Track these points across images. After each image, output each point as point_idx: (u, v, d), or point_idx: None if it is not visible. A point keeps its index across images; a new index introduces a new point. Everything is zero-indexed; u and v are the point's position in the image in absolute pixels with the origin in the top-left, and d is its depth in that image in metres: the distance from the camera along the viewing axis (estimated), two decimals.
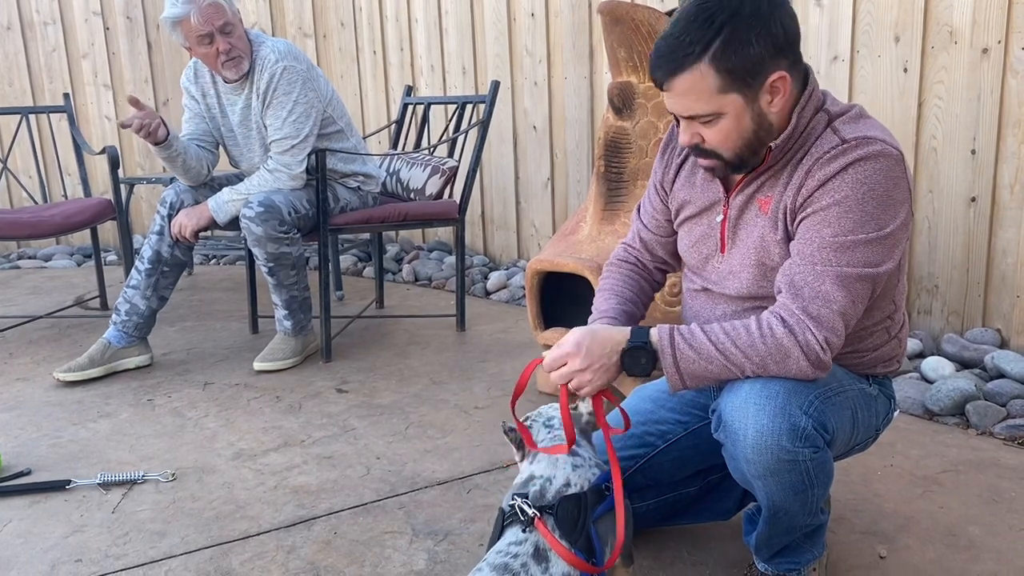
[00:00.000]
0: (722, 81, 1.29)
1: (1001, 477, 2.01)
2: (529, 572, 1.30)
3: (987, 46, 2.60)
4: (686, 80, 1.30)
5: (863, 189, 1.29)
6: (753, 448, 1.31)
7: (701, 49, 1.27)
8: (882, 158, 1.30)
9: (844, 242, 1.30)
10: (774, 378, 1.32)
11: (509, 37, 4.09)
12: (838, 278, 1.30)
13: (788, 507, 1.39)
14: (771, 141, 1.35)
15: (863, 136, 1.31)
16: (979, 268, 2.73)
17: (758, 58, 1.28)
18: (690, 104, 1.32)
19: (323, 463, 2.22)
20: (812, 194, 1.33)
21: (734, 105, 1.31)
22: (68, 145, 5.22)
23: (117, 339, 2.93)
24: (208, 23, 2.74)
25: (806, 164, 1.35)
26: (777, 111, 1.34)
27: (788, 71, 1.31)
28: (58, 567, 1.76)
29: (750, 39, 1.27)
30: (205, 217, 2.88)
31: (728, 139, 1.34)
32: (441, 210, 3.16)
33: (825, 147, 1.33)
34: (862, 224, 1.29)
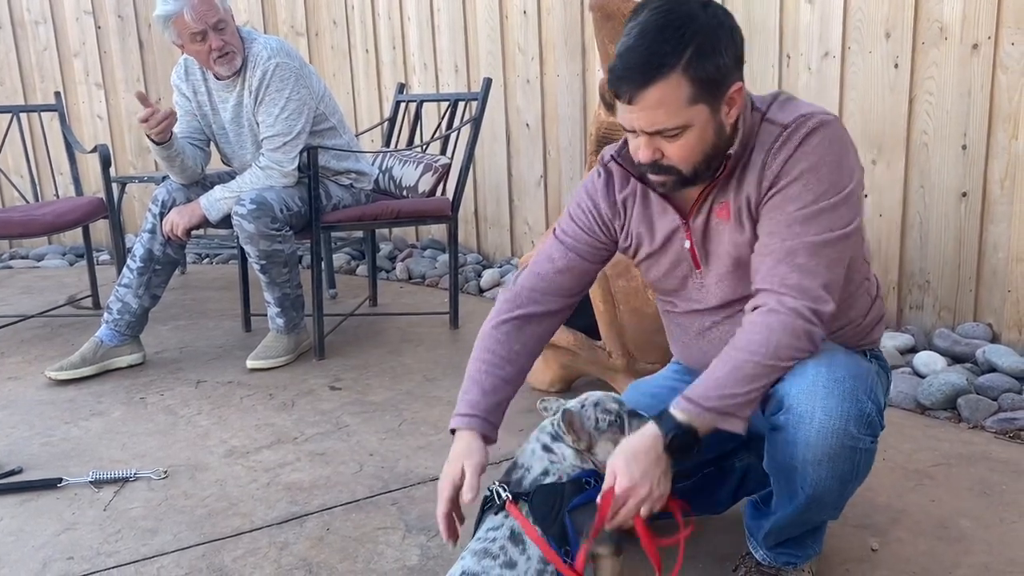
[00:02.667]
0: (693, 91, 1.28)
1: (992, 470, 2.02)
2: (507, 554, 1.32)
3: (977, 42, 2.61)
4: (659, 91, 1.27)
5: (815, 159, 1.32)
6: (819, 432, 1.31)
7: (675, 59, 1.26)
8: (823, 127, 1.33)
9: (809, 212, 1.32)
10: (836, 363, 1.33)
11: (501, 34, 4.09)
12: (811, 247, 1.32)
13: (827, 496, 1.38)
14: (727, 150, 1.37)
15: (799, 115, 1.35)
16: (970, 263, 2.74)
17: (725, 68, 1.30)
18: (659, 117, 1.30)
19: (316, 460, 2.21)
20: (775, 179, 1.35)
21: (701, 117, 1.31)
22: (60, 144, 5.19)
23: (109, 337, 2.93)
24: (201, 20, 2.73)
25: (757, 160, 1.37)
26: (731, 121, 1.36)
27: (742, 81, 1.34)
28: (49, 565, 1.76)
29: (719, 49, 1.28)
30: (197, 215, 2.88)
31: (691, 153, 1.34)
32: (434, 208, 3.16)
33: (770, 139, 1.36)
34: (823, 192, 1.32)
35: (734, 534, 1.72)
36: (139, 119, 2.71)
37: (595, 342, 2.40)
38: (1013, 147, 2.59)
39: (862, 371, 1.35)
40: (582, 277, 1.58)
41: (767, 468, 1.43)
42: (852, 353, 1.41)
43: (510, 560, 1.32)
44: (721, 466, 1.71)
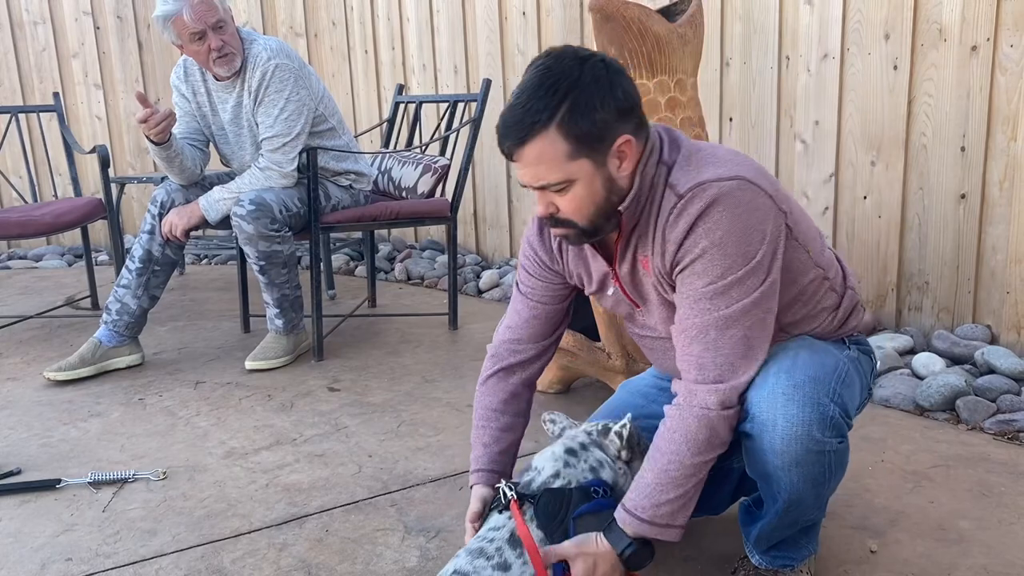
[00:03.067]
0: (571, 147, 1.30)
1: (991, 472, 2.02)
2: (503, 556, 1.32)
3: (976, 43, 2.61)
4: (535, 148, 1.30)
5: (717, 236, 1.30)
6: (783, 438, 1.32)
7: (548, 116, 1.28)
8: (720, 201, 1.30)
9: (718, 287, 1.32)
10: (798, 366, 1.34)
11: (500, 36, 4.09)
12: (722, 321, 1.32)
13: (804, 499, 1.40)
14: (620, 205, 1.37)
15: (696, 183, 1.32)
16: (969, 264, 2.74)
17: (604, 123, 1.30)
18: (541, 173, 1.32)
19: (315, 461, 2.21)
20: (675, 256, 1.35)
21: (584, 171, 1.32)
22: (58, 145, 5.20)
23: (108, 338, 2.92)
24: (201, 20, 2.73)
25: (660, 227, 1.37)
26: (626, 174, 1.36)
27: (633, 134, 1.34)
28: (48, 566, 1.75)
29: (595, 104, 1.29)
30: (196, 216, 2.87)
31: (582, 206, 1.35)
32: (433, 208, 3.16)
33: (667, 207, 1.35)
34: (729, 266, 1.31)
35: (733, 535, 1.72)
36: (138, 119, 2.71)
37: (594, 343, 2.40)
38: (1012, 149, 2.59)
39: (825, 371, 1.36)
40: (552, 319, 1.62)
41: (749, 473, 1.45)
42: (819, 349, 1.42)
43: (504, 562, 1.32)
44: (719, 467, 1.71)
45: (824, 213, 3.06)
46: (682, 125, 2.33)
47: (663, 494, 1.33)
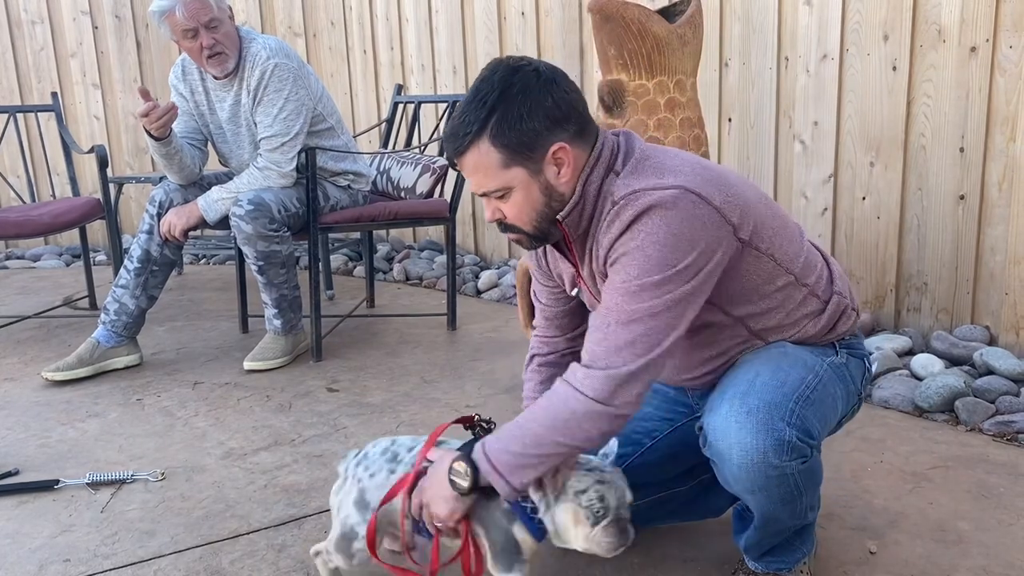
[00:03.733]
0: (502, 156, 1.34)
1: (990, 473, 2.02)
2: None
3: (975, 44, 2.62)
4: (471, 158, 1.35)
5: (641, 239, 1.30)
6: (740, 467, 1.32)
7: (479, 128, 1.33)
8: (654, 207, 1.29)
9: (631, 287, 1.30)
10: (754, 390, 1.33)
11: (500, 36, 4.08)
12: (624, 316, 1.31)
13: (778, 515, 1.41)
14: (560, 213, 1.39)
15: (631, 191, 1.32)
16: (968, 266, 2.74)
17: (533, 132, 1.32)
18: (480, 181, 1.37)
19: (313, 462, 2.21)
20: (605, 259, 1.37)
21: (519, 179, 1.35)
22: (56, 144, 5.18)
23: (106, 338, 2.92)
24: (193, 18, 2.73)
25: (596, 232, 1.39)
26: (566, 181, 1.37)
27: (569, 142, 1.35)
28: (46, 567, 1.75)
29: (522, 114, 1.32)
30: (194, 216, 2.87)
31: (523, 212, 1.38)
32: (432, 209, 3.16)
33: (604, 213, 1.37)
34: (648, 268, 1.29)
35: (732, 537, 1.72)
36: (139, 113, 2.70)
37: None
38: (1011, 150, 2.59)
39: (784, 392, 1.33)
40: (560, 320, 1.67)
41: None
42: (787, 364, 1.39)
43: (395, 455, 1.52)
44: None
45: (823, 214, 3.06)
46: (681, 125, 2.33)
47: (515, 446, 1.34)
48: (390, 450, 1.53)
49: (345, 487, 1.54)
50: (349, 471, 1.55)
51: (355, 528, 1.51)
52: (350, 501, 1.52)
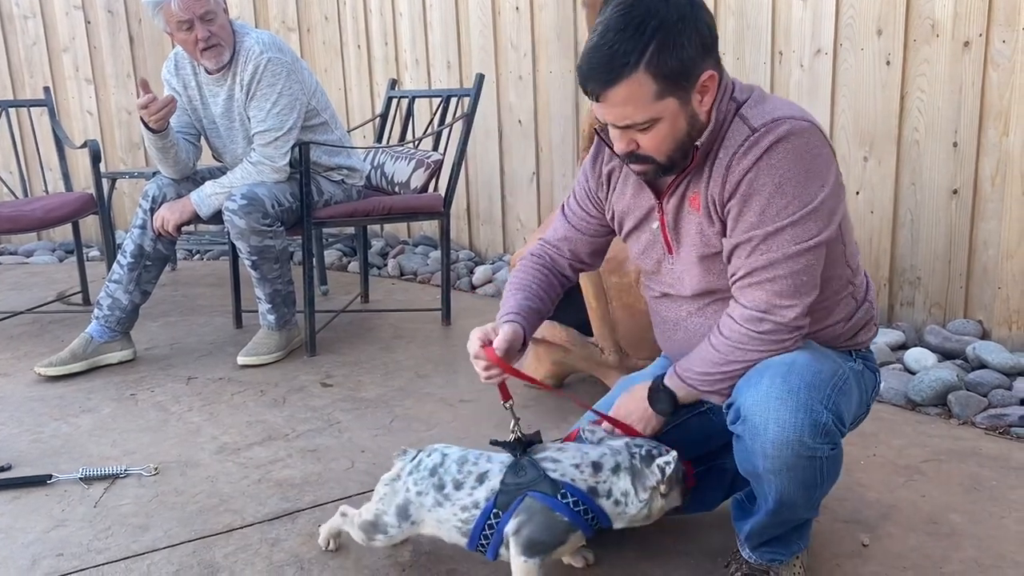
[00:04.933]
0: (659, 87, 1.30)
1: (982, 466, 2.03)
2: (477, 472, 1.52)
3: (968, 39, 2.62)
4: (623, 90, 1.30)
5: (779, 175, 1.31)
6: (773, 443, 1.32)
7: (637, 58, 1.27)
8: (793, 136, 1.31)
9: (773, 228, 1.33)
10: (795, 371, 1.33)
11: (494, 30, 4.08)
12: (776, 262, 1.34)
13: (795, 502, 1.40)
14: (698, 139, 1.37)
15: (771, 119, 1.33)
16: (961, 260, 2.75)
17: (691, 60, 1.30)
18: (628, 113, 1.32)
19: (307, 456, 2.21)
20: (736, 187, 1.35)
21: (670, 109, 1.33)
22: (49, 139, 5.17)
23: (99, 333, 2.91)
24: (188, 10, 2.72)
25: (724, 158, 1.37)
26: (706, 109, 1.36)
27: (715, 69, 1.34)
28: (39, 561, 1.75)
29: (682, 42, 1.28)
30: (188, 211, 2.86)
31: (664, 143, 1.36)
32: (426, 204, 3.15)
33: (738, 139, 1.35)
34: (786, 206, 1.32)
35: (726, 530, 1.72)
36: (139, 105, 2.69)
37: (587, 339, 2.40)
38: (1004, 144, 2.60)
39: (822, 378, 1.34)
40: (580, 247, 1.68)
41: (741, 473, 1.45)
42: (821, 356, 1.40)
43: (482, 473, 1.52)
44: (711, 466, 1.71)
45: None
46: None
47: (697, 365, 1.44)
48: (438, 473, 1.53)
49: (396, 485, 1.56)
50: (404, 472, 1.56)
51: (388, 527, 1.56)
52: (394, 503, 1.55)
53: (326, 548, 1.74)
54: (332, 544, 1.73)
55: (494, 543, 1.47)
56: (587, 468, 1.47)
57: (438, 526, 1.53)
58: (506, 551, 1.48)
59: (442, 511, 1.51)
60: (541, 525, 1.43)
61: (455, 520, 1.50)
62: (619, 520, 1.48)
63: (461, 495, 1.50)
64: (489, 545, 1.48)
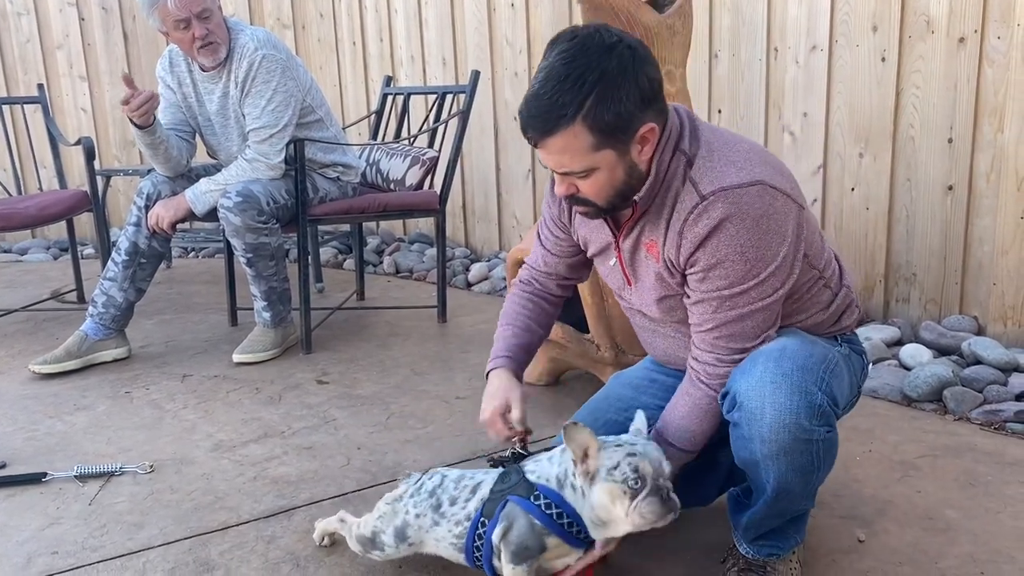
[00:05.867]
0: (596, 139, 1.31)
1: (978, 462, 2.03)
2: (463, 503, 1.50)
3: (963, 35, 2.62)
4: (560, 140, 1.32)
5: (739, 243, 1.34)
6: (771, 427, 1.33)
7: (574, 110, 1.29)
8: (744, 207, 1.33)
9: (736, 291, 1.37)
10: (787, 355, 1.36)
11: (489, 27, 4.07)
12: (742, 315, 1.38)
13: (792, 488, 1.41)
14: (639, 188, 1.39)
15: (719, 188, 1.34)
16: (956, 256, 2.75)
17: (629, 114, 1.31)
18: (565, 162, 1.35)
19: (303, 454, 2.20)
20: (692, 255, 1.38)
21: (607, 160, 1.34)
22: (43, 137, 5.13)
23: (94, 331, 2.90)
24: (185, 8, 2.71)
25: (676, 223, 1.39)
26: (647, 159, 1.38)
27: (655, 121, 1.35)
28: (34, 559, 1.74)
29: (621, 96, 1.29)
30: (183, 208, 2.85)
31: (602, 190, 1.38)
32: (421, 201, 3.15)
33: (688, 204, 1.37)
34: (749, 271, 1.35)
35: (721, 526, 1.72)
36: (120, 101, 2.68)
37: (584, 335, 2.40)
38: (999, 140, 2.60)
39: (813, 361, 1.37)
40: (562, 269, 1.71)
41: (737, 463, 1.45)
42: (810, 341, 1.43)
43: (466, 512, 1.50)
44: (706, 460, 1.71)
45: (813, 205, 3.07)
46: None
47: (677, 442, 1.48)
48: (436, 494, 1.53)
49: (396, 506, 1.56)
50: (406, 495, 1.56)
51: (384, 546, 1.56)
52: (392, 524, 1.55)
53: (320, 544, 1.74)
54: (326, 540, 1.73)
55: (486, 554, 1.45)
56: (557, 455, 1.46)
57: (436, 545, 1.52)
58: (499, 562, 1.45)
59: (439, 529, 1.51)
60: (521, 529, 1.41)
61: (451, 537, 1.49)
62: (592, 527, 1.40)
63: (455, 509, 1.49)
64: (483, 557, 1.46)
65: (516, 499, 1.43)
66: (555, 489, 1.42)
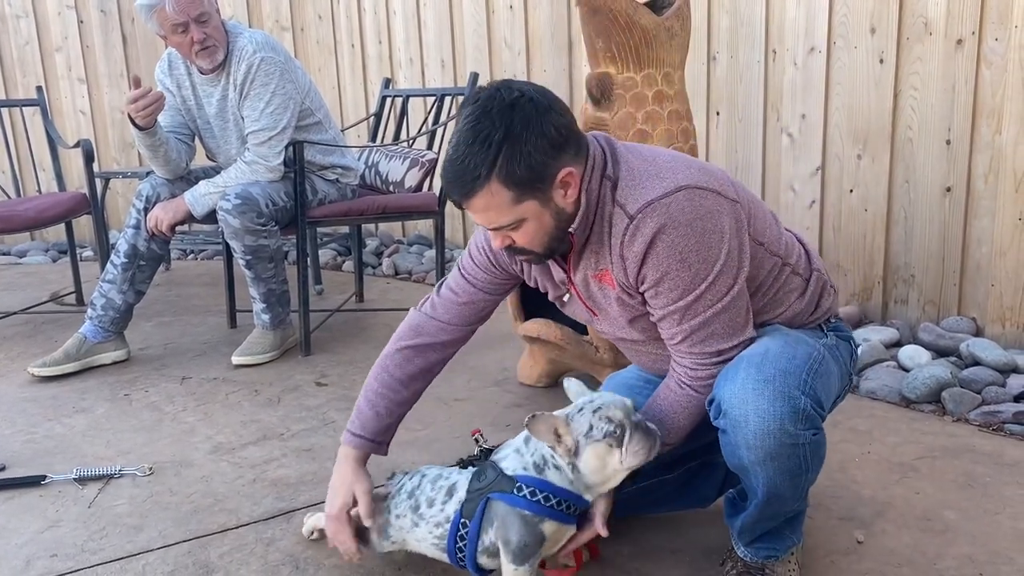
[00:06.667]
0: (514, 193, 1.34)
1: (976, 463, 2.03)
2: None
3: (961, 37, 2.63)
4: (481, 200, 1.34)
5: (678, 251, 1.35)
6: (755, 433, 1.34)
7: (487, 170, 1.31)
8: (672, 215, 1.34)
9: (689, 300, 1.38)
10: (768, 360, 1.36)
11: (488, 29, 4.08)
12: (706, 320, 1.39)
13: (782, 492, 1.41)
14: (571, 226, 1.41)
15: (644, 203, 1.35)
16: (954, 257, 2.76)
17: (541, 164, 1.33)
18: (492, 218, 1.37)
19: (302, 456, 2.20)
20: (639, 273, 1.39)
21: (531, 210, 1.36)
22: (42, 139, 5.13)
23: (93, 334, 2.90)
24: (183, 12, 2.71)
25: (616, 246, 1.40)
26: (573, 200, 1.39)
27: (572, 163, 1.36)
28: (33, 562, 1.74)
29: (528, 150, 1.31)
30: (182, 210, 2.85)
31: (535, 237, 1.40)
32: (420, 203, 3.15)
33: (620, 227, 1.38)
34: (695, 275, 1.36)
35: (720, 528, 1.72)
36: (128, 99, 2.67)
37: (582, 337, 2.40)
38: (997, 142, 2.61)
39: (796, 363, 1.37)
40: (484, 307, 1.69)
41: (729, 467, 1.46)
42: (794, 341, 1.43)
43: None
44: (704, 461, 1.71)
45: (811, 206, 3.07)
46: (669, 118, 2.34)
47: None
48: (415, 495, 1.55)
49: (379, 506, 1.59)
50: (389, 497, 1.59)
51: (371, 543, 1.60)
52: (376, 524, 1.59)
53: (309, 537, 1.76)
54: (316, 534, 1.76)
55: (469, 554, 1.47)
56: (522, 446, 1.47)
57: (418, 544, 1.55)
58: (488, 559, 1.47)
59: (419, 531, 1.53)
60: (515, 527, 1.41)
61: (431, 538, 1.52)
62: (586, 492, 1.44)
63: (434, 511, 1.51)
64: (467, 557, 1.48)
65: (500, 496, 1.43)
66: (535, 475, 1.43)
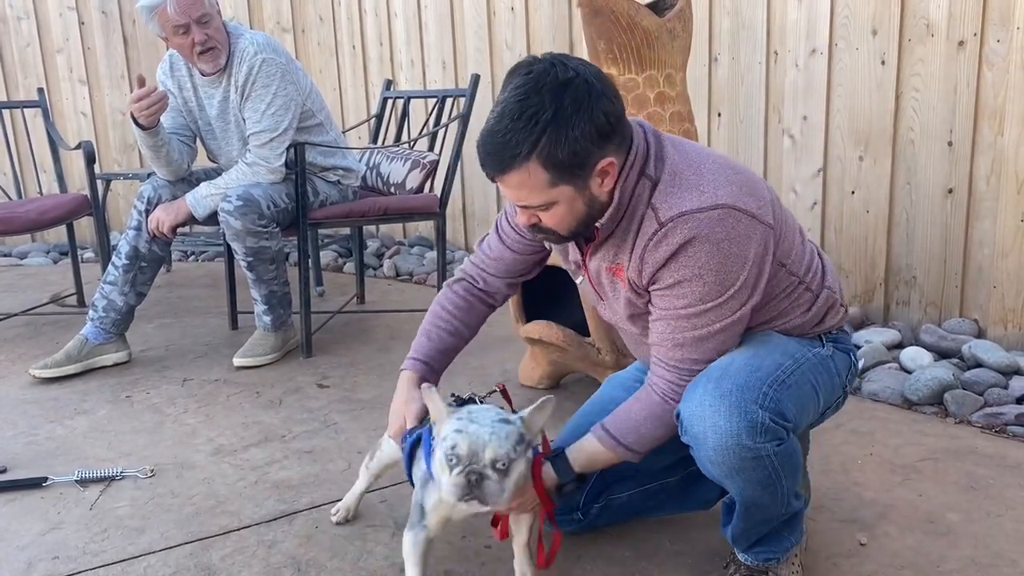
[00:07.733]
0: (551, 175, 1.31)
1: (979, 465, 2.03)
2: None
3: (963, 38, 2.63)
4: (516, 177, 1.32)
5: (698, 265, 1.34)
6: (715, 450, 1.34)
7: (528, 149, 1.28)
8: (702, 233, 1.32)
9: (695, 311, 1.37)
10: (728, 375, 1.36)
11: (489, 31, 4.08)
12: (696, 339, 1.39)
13: (760, 501, 1.41)
14: (601, 217, 1.40)
15: (677, 214, 1.33)
16: (956, 259, 2.76)
17: (584, 151, 1.30)
18: (523, 196, 1.35)
19: (304, 458, 2.20)
20: (653, 277, 1.39)
21: (565, 195, 1.34)
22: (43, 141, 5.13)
23: (94, 335, 2.90)
24: (184, 14, 2.71)
25: (639, 248, 1.39)
26: (608, 190, 1.37)
27: (614, 154, 1.34)
28: (35, 565, 1.74)
29: (575, 135, 1.28)
30: (183, 212, 2.85)
31: (563, 221, 1.38)
32: (421, 204, 3.15)
33: (648, 231, 1.37)
34: (707, 292, 1.35)
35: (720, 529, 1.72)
36: (132, 98, 2.66)
37: (584, 339, 2.40)
38: (998, 143, 2.60)
39: (759, 376, 1.36)
40: (520, 266, 1.69)
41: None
42: (765, 351, 1.41)
43: None
44: None
45: (812, 208, 3.07)
46: (671, 120, 2.33)
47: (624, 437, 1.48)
48: None
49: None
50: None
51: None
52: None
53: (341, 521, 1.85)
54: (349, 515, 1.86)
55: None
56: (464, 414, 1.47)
57: None
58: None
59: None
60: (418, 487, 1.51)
61: None
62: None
63: None
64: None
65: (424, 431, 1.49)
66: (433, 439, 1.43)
